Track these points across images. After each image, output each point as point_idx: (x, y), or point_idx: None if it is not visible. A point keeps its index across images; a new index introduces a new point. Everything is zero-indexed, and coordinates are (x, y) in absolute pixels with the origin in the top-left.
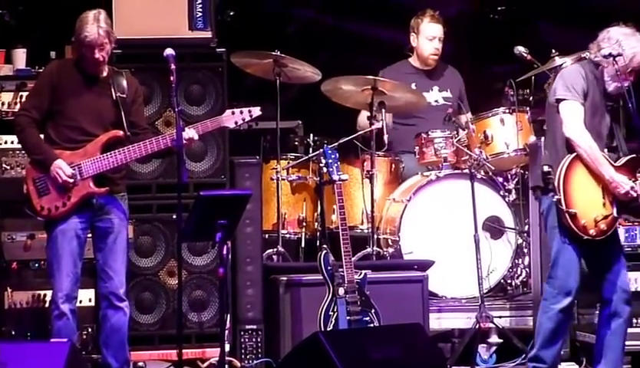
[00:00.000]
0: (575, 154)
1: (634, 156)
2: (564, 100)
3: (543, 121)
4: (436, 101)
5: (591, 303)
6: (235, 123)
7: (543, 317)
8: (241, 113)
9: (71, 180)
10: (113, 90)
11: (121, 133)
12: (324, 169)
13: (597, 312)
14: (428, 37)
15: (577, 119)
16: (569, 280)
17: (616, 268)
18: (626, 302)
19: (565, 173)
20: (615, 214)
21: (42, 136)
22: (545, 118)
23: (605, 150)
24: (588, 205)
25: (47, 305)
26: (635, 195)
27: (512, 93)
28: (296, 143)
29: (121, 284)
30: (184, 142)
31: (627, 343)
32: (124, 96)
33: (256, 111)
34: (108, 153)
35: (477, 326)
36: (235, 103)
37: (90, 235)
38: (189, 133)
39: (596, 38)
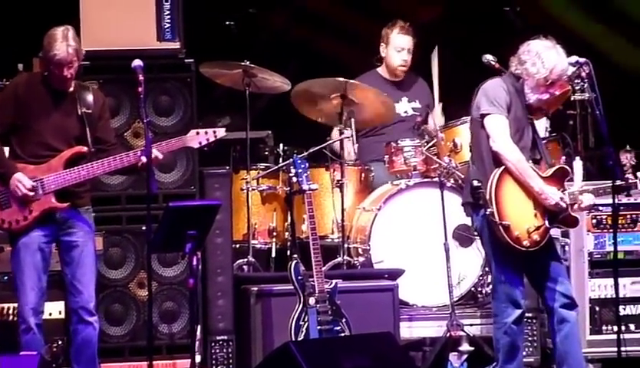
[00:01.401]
0: (503, 167)
1: (560, 166)
2: (489, 114)
3: None
4: (405, 112)
5: None
6: (199, 143)
7: (498, 334)
8: (205, 133)
9: (31, 193)
10: (79, 105)
11: (85, 148)
12: (294, 179)
13: None
14: (397, 48)
15: (503, 132)
16: (513, 292)
17: (554, 276)
18: (569, 307)
19: (495, 186)
20: (546, 224)
21: (7, 149)
22: (470, 133)
23: (530, 162)
24: (520, 216)
25: (14, 318)
26: (564, 206)
27: None
28: (266, 153)
29: (91, 298)
30: (145, 160)
31: (598, 349)
32: (90, 111)
33: (221, 132)
34: (71, 169)
35: (448, 335)
36: (200, 123)
37: (56, 249)
38: (154, 152)
39: (517, 51)
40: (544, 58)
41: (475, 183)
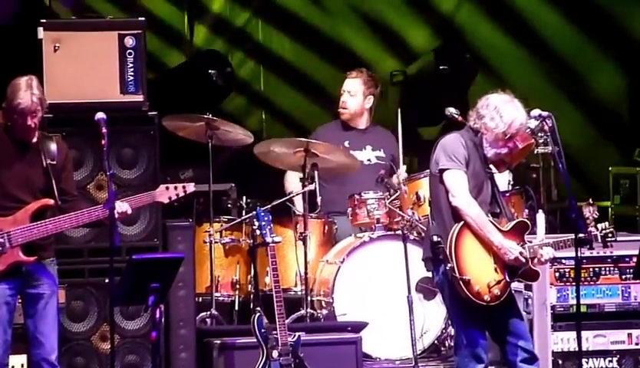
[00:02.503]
0: (463, 222)
1: (520, 219)
2: (447, 169)
3: None
4: (369, 160)
5: None
6: (169, 198)
7: None
8: (175, 189)
9: None
10: (43, 156)
11: (52, 201)
12: (258, 232)
13: None
14: (341, 91)
15: (462, 187)
16: (476, 347)
17: (515, 331)
18: (530, 361)
19: (455, 241)
20: (507, 279)
21: None
22: (429, 189)
23: (489, 216)
24: (481, 271)
25: None
26: (523, 260)
27: None
28: (229, 206)
29: (52, 350)
30: (117, 215)
31: None
32: (54, 162)
33: (190, 187)
34: (38, 222)
35: None
36: (169, 178)
37: (20, 301)
38: (122, 206)
39: (475, 105)
40: (502, 113)
41: (435, 238)
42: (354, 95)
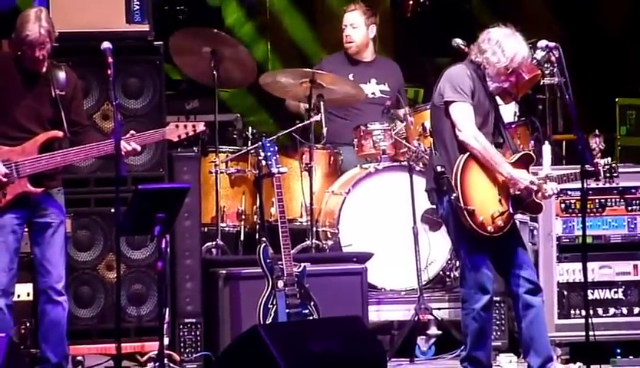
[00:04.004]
0: (469, 153)
1: (526, 152)
2: (453, 102)
3: None
4: (373, 94)
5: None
6: (179, 136)
7: (467, 319)
8: (185, 127)
9: (5, 179)
10: (52, 87)
11: (61, 133)
12: (263, 162)
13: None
14: (343, 26)
15: (469, 120)
16: (481, 278)
17: (518, 262)
18: (533, 292)
19: (461, 172)
20: (510, 210)
21: None
22: (430, 120)
23: (493, 146)
24: (485, 202)
25: None
26: (534, 188)
27: None
28: (235, 136)
29: (60, 278)
30: (125, 151)
31: (566, 333)
32: (63, 93)
33: (200, 126)
34: (47, 154)
35: (416, 318)
36: (174, 106)
37: (27, 231)
38: (132, 144)
39: (477, 40)
40: (504, 47)
41: (439, 169)
42: (357, 27)
